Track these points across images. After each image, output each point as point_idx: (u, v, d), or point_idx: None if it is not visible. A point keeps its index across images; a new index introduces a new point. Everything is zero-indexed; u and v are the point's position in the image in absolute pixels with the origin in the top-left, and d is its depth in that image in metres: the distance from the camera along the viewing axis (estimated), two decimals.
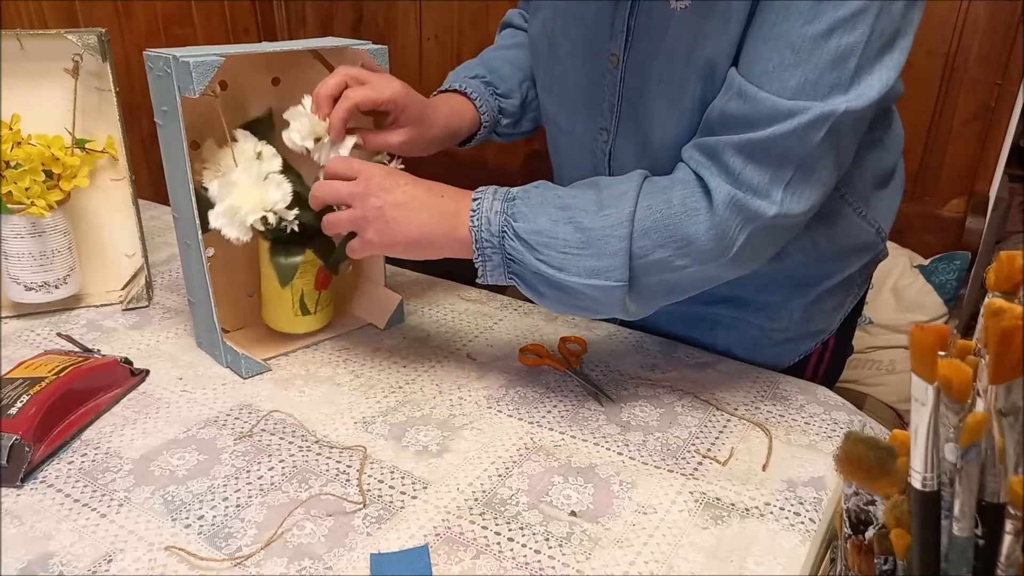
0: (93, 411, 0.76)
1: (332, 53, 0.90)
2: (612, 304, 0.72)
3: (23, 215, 0.89)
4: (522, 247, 0.71)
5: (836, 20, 0.63)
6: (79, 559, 0.58)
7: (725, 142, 0.68)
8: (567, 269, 0.70)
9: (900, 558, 0.40)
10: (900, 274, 1.64)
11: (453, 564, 0.59)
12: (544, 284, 0.72)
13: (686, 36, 0.72)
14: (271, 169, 0.80)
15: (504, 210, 0.72)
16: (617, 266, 0.69)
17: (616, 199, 0.70)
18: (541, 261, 0.71)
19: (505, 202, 0.73)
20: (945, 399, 0.35)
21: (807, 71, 0.65)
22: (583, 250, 0.70)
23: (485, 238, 0.73)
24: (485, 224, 0.72)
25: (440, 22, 2.16)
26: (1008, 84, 1.56)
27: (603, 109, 0.82)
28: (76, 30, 0.90)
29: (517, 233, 0.71)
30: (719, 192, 0.68)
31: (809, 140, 0.66)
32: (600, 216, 0.70)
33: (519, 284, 0.75)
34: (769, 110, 0.66)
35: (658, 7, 0.73)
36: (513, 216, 0.72)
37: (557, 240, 0.70)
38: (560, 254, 0.70)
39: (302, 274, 0.86)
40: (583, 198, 0.72)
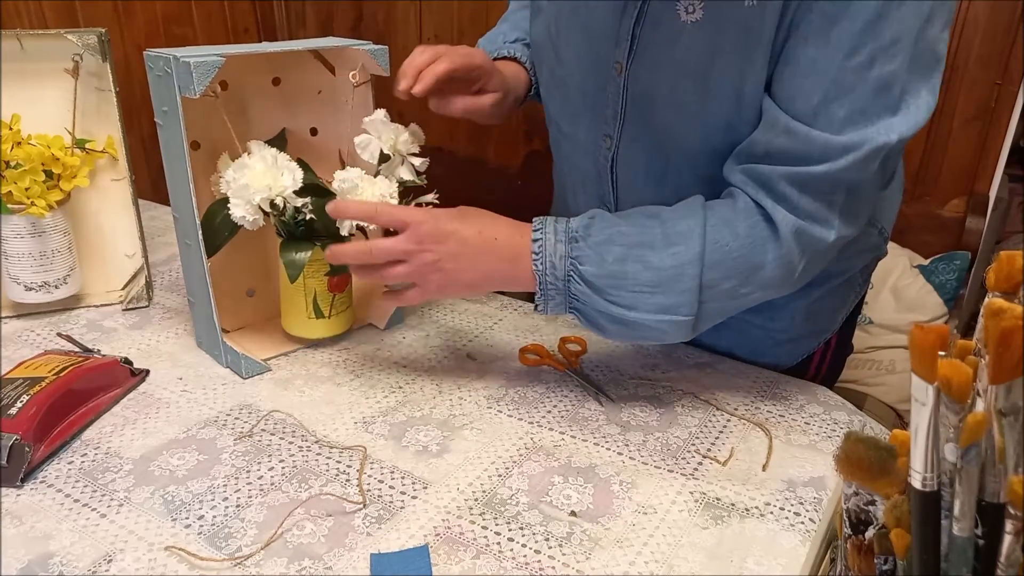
0: (93, 411, 0.76)
1: (332, 53, 0.90)
2: (678, 334, 0.73)
3: (23, 215, 0.89)
4: (589, 290, 0.72)
5: (876, 50, 0.63)
6: (79, 559, 0.58)
7: (780, 173, 0.69)
8: (636, 308, 0.71)
9: (900, 558, 0.40)
10: (900, 274, 1.64)
11: (453, 564, 0.59)
12: (608, 320, 0.73)
13: (698, 50, 0.71)
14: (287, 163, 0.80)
15: (568, 253, 0.72)
16: (687, 302, 0.70)
17: (684, 236, 0.70)
18: (609, 301, 0.71)
19: (569, 244, 0.72)
20: (945, 399, 0.35)
21: (853, 102, 0.65)
22: (654, 288, 0.70)
23: (550, 282, 0.73)
24: (550, 268, 0.72)
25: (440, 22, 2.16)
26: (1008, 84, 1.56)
27: (607, 115, 0.82)
28: (76, 30, 0.90)
29: (584, 277, 0.72)
30: (785, 223, 0.69)
31: (865, 171, 0.68)
32: (669, 255, 0.70)
33: (579, 319, 0.75)
34: (822, 148, 0.67)
35: (667, 17, 0.72)
36: (579, 260, 0.71)
37: (626, 281, 0.71)
38: (629, 293, 0.71)
39: (314, 273, 0.85)
40: (649, 234, 0.71)
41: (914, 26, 0.63)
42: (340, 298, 0.88)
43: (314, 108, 0.92)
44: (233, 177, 0.78)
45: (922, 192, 1.70)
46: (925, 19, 0.64)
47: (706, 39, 0.70)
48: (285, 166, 0.79)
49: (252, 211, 0.78)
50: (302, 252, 0.82)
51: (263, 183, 0.77)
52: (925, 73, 0.66)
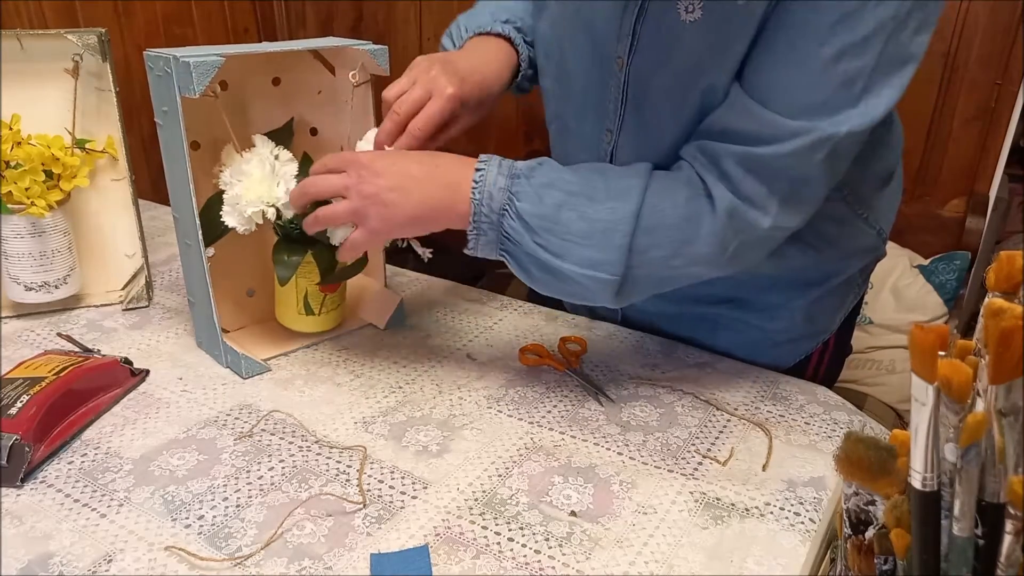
0: (93, 411, 0.76)
1: (332, 53, 0.90)
2: (601, 294, 0.72)
3: (23, 215, 0.89)
4: (522, 228, 0.71)
5: (847, 44, 0.63)
6: (79, 559, 0.58)
7: (726, 150, 0.69)
8: (565, 256, 0.70)
9: (900, 558, 0.40)
10: (900, 274, 1.64)
11: (453, 564, 0.59)
12: (536, 267, 0.72)
13: (696, 49, 0.71)
14: (286, 169, 0.80)
15: (508, 187, 0.71)
16: (615, 260, 0.70)
17: (623, 193, 0.70)
18: (539, 245, 0.70)
19: (510, 179, 0.72)
20: (945, 399, 0.35)
21: (814, 92, 0.65)
22: (584, 240, 0.70)
23: (484, 213, 0.71)
24: (487, 199, 0.71)
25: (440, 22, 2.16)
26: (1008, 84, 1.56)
27: (608, 110, 0.82)
28: (76, 30, 0.90)
29: (519, 213, 0.71)
30: (722, 200, 0.69)
31: (809, 160, 0.67)
32: (605, 208, 0.70)
33: (509, 261, 0.74)
34: (772, 128, 0.66)
35: (668, 16, 0.72)
36: (516, 195, 0.71)
37: (559, 227, 0.70)
38: (560, 240, 0.70)
39: (305, 274, 0.86)
40: (590, 185, 0.71)
41: (888, 26, 0.63)
42: (331, 297, 0.89)
43: (314, 108, 0.92)
44: (228, 182, 0.78)
45: (922, 192, 1.70)
46: (901, 20, 0.64)
47: (703, 38, 0.71)
48: (282, 174, 0.79)
49: (244, 221, 0.78)
50: (294, 256, 0.83)
51: (256, 195, 0.77)
52: (891, 72, 0.66)
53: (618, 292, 0.72)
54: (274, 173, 0.79)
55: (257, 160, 0.79)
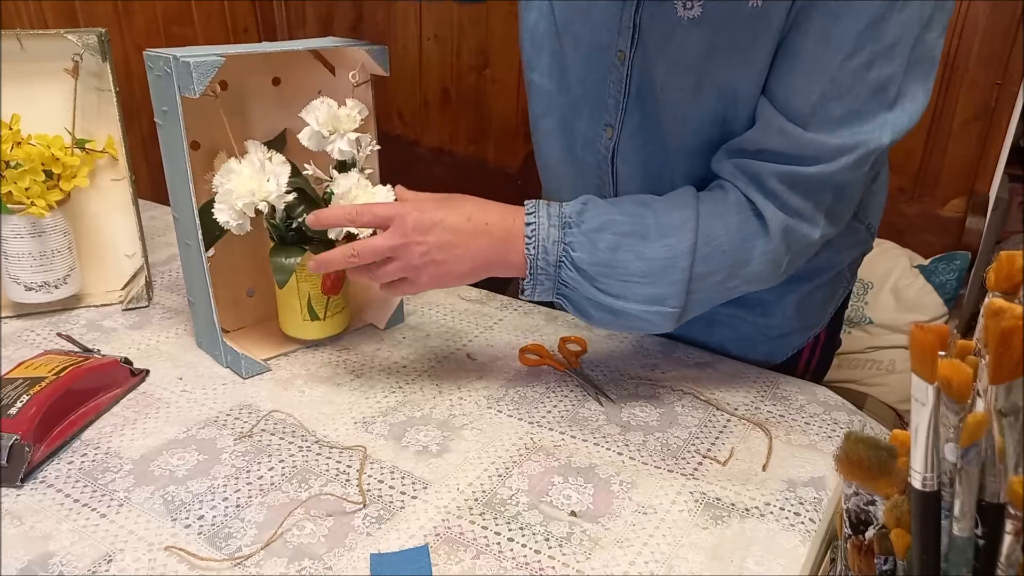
0: (93, 411, 0.76)
1: (332, 53, 0.90)
2: (663, 325, 0.73)
3: (23, 215, 0.89)
4: (580, 277, 0.72)
5: (876, 51, 0.64)
6: (79, 559, 0.58)
7: (768, 169, 0.70)
8: (625, 296, 0.71)
9: (900, 558, 0.40)
10: (900, 274, 1.64)
11: (453, 564, 0.59)
12: (596, 308, 0.73)
13: (694, 47, 0.71)
14: (276, 167, 0.80)
15: (561, 238, 0.72)
16: (676, 293, 0.71)
17: (676, 228, 0.71)
18: (598, 289, 0.72)
19: (562, 229, 0.72)
20: (945, 399, 0.35)
21: (850, 102, 0.66)
22: (644, 279, 0.71)
23: (541, 267, 0.72)
24: (542, 253, 0.72)
25: (440, 22, 2.16)
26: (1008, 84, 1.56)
27: (608, 105, 0.81)
28: (76, 30, 0.90)
29: (575, 264, 0.72)
30: (774, 220, 0.70)
31: (854, 173, 0.69)
32: (661, 246, 0.71)
33: (566, 305, 0.75)
34: (816, 150, 0.67)
35: (663, 11, 0.72)
36: (571, 246, 0.71)
37: (617, 269, 0.71)
38: (619, 282, 0.71)
39: (306, 277, 0.86)
40: (641, 224, 0.72)
41: (914, 30, 0.64)
42: (335, 300, 0.89)
43: None
44: (220, 182, 0.78)
45: (922, 192, 1.70)
46: (925, 23, 0.64)
47: (703, 37, 0.70)
48: (273, 171, 0.79)
49: (236, 216, 0.78)
50: (291, 258, 0.82)
51: (247, 188, 0.77)
52: (921, 75, 0.66)
53: (678, 319, 0.73)
54: (264, 169, 0.79)
55: (249, 159, 0.79)
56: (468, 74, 2.15)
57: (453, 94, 2.19)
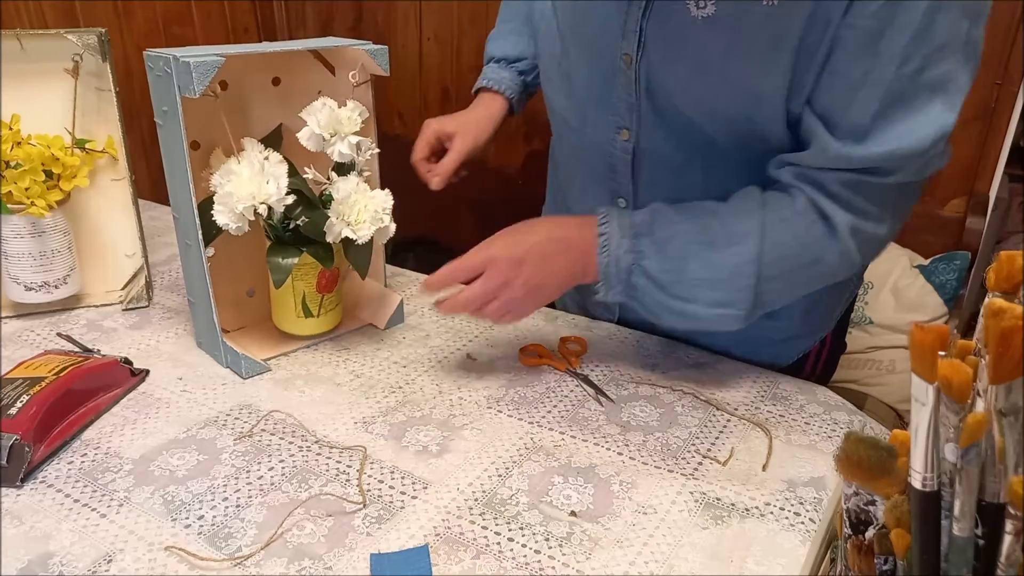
0: (93, 411, 0.76)
1: (332, 53, 0.90)
2: (733, 325, 0.76)
3: (23, 215, 0.89)
4: (649, 283, 0.75)
5: (927, 55, 0.63)
6: (79, 559, 0.58)
7: (833, 178, 0.70)
8: (695, 300, 0.74)
9: (900, 558, 0.40)
10: (900, 274, 1.63)
11: (453, 564, 0.59)
12: (665, 311, 0.76)
13: (711, 47, 0.71)
14: (275, 168, 0.80)
15: (632, 248, 0.75)
16: (744, 298, 0.73)
17: (743, 236, 0.73)
18: (668, 295, 0.75)
19: (633, 239, 0.75)
20: (945, 399, 0.35)
21: (909, 108, 0.66)
22: (712, 285, 0.73)
23: (613, 274, 0.76)
24: (614, 262, 0.76)
25: (440, 22, 2.16)
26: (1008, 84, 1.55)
27: (619, 108, 0.81)
28: (76, 30, 0.90)
29: (646, 271, 0.75)
30: (842, 223, 0.71)
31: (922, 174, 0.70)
32: (729, 254, 0.73)
33: (638, 307, 0.78)
34: (879, 160, 0.68)
35: (676, 13, 0.71)
36: (642, 255, 0.75)
37: (685, 276, 0.74)
38: (688, 288, 0.74)
39: (302, 276, 0.86)
40: (709, 233, 0.74)
41: (962, 27, 0.63)
42: (329, 297, 0.89)
43: None
44: (219, 183, 0.78)
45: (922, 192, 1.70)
46: (971, 20, 0.64)
47: (719, 36, 0.70)
48: (271, 173, 0.79)
49: (235, 219, 0.78)
50: (288, 258, 0.83)
51: (247, 191, 0.77)
52: (970, 66, 0.66)
53: (747, 319, 0.75)
54: (263, 171, 0.79)
55: (247, 160, 0.79)
56: (468, 74, 2.15)
57: (453, 94, 2.19)
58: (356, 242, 0.82)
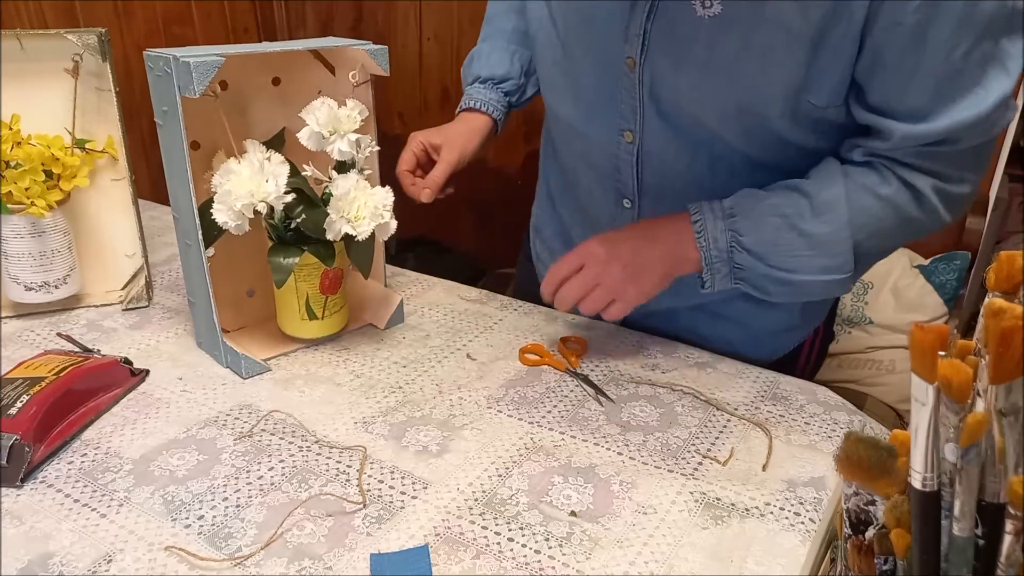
0: (93, 411, 0.76)
1: (332, 53, 0.90)
2: (840, 289, 0.79)
3: (23, 215, 0.89)
4: (752, 258, 0.77)
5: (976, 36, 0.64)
6: (79, 559, 0.58)
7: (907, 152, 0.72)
8: (798, 270, 0.76)
9: (900, 558, 0.40)
10: (900, 274, 1.64)
11: (453, 564, 0.59)
12: (774, 283, 0.78)
13: (720, 46, 0.71)
14: (275, 168, 0.80)
15: (728, 227, 0.77)
16: (846, 261, 0.75)
17: (830, 205, 0.74)
18: (771, 266, 0.76)
19: (726, 219, 0.77)
20: (945, 399, 0.35)
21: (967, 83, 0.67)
22: (812, 251, 0.75)
23: (715, 255, 0.78)
24: (713, 243, 0.77)
25: (439, 22, 2.16)
26: None
27: (623, 111, 0.81)
28: (76, 30, 0.90)
29: (745, 246, 0.77)
30: (924, 185, 0.73)
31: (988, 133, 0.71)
32: (820, 222, 0.74)
33: (745, 287, 0.80)
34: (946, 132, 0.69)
35: (681, 13, 0.71)
36: (738, 231, 0.76)
37: (785, 247, 0.75)
38: (791, 258, 0.76)
39: (305, 277, 0.86)
40: (797, 205, 0.75)
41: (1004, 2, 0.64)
42: (333, 299, 0.89)
43: None
44: (219, 182, 0.78)
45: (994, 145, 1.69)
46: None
47: (727, 34, 0.70)
48: (271, 171, 0.79)
49: (235, 217, 0.78)
50: (290, 258, 0.83)
51: (245, 189, 0.77)
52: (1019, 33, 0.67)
53: (853, 280, 0.78)
54: (263, 170, 0.79)
55: (248, 159, 0.79)
56: None
57: (453, 94, 2.19)
58: (357, 239, 0.82)
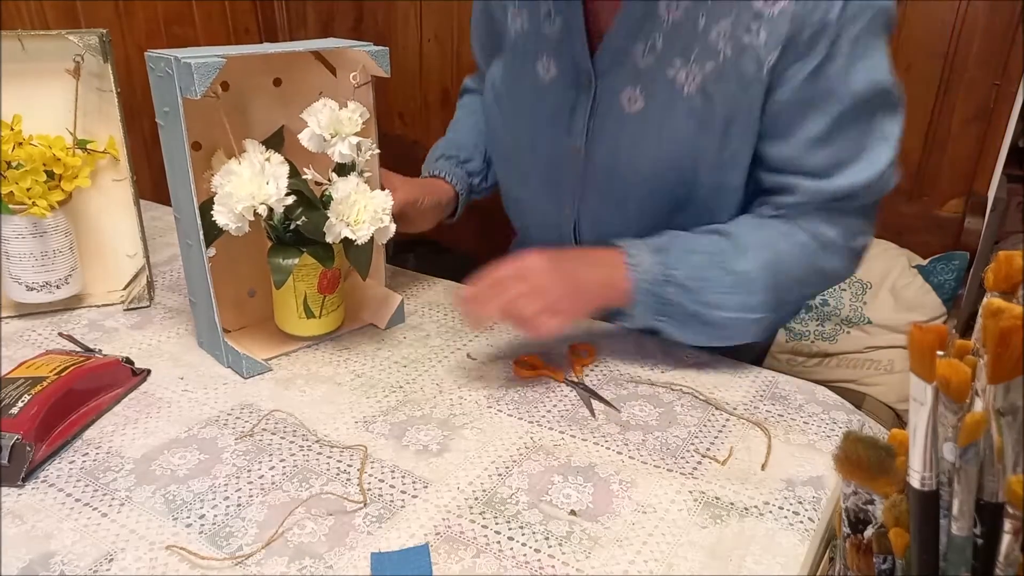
0: (94, 411, 0.76)
1: (333, 54, 0.90)
2: (756, 333, 0.82)
3: (25, 215, 0.89)
4: (680, 291, 0.79)
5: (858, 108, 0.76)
6: (80, 558, 0.59)
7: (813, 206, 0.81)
8: (721, 307, 0.79)
9: (899, 557, 0.40)
10: (899, 274, 1.64)
11: (453, 563, 0.59)
12: (695, 321, 0.80)
13: (647, 135, 0.81)
14: (275, 169, 0.80)
15: (659, 260, 0.80)
16: (763, 301, 0.80)
17: (751, 246, 0.80)
18: (698, 302, 0.79)
19: (658, 254, 0.80)
20: (944, 399, 0.35)
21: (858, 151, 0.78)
22: (734, 288, 0.79)
23: (644, 287, 0.80)
24: (644, 275, 0.79)
25: (440, 23, 2.16)
26: (1007, 85, 1.56)
27: (566, 189, 0.90)
28: (77, 30, 0.90)
29: (675, 280, 0.79)
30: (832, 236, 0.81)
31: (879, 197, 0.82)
32: (743, 260, 0.80)
33: (666, 324, 0.82)
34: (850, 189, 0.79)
35: (613, 109, 0.82)
36: (668, 264, 0.80)
37: (711, 283, 0.79)
38: (715, 294, 0.79)
39: (303, 277, 0.86)
40: (719, 245, 0.81)
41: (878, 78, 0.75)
42: (331, 298, 0.89)
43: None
44: (219, 183, 0.78)
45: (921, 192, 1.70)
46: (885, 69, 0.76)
47: (650, 126, 0.81)
48: (272, 173, 0.79)
49: (235, 219, 0.78)
50: (289, 259, 0.83)
51: (246, 191, 0.77)
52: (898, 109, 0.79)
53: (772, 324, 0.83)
54: (263, 172, 0.79)
55: (247, 160, 0.79)
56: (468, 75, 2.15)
57: (453, 95, 2.19)
58: (356, 242, 0.82)
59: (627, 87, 0.80)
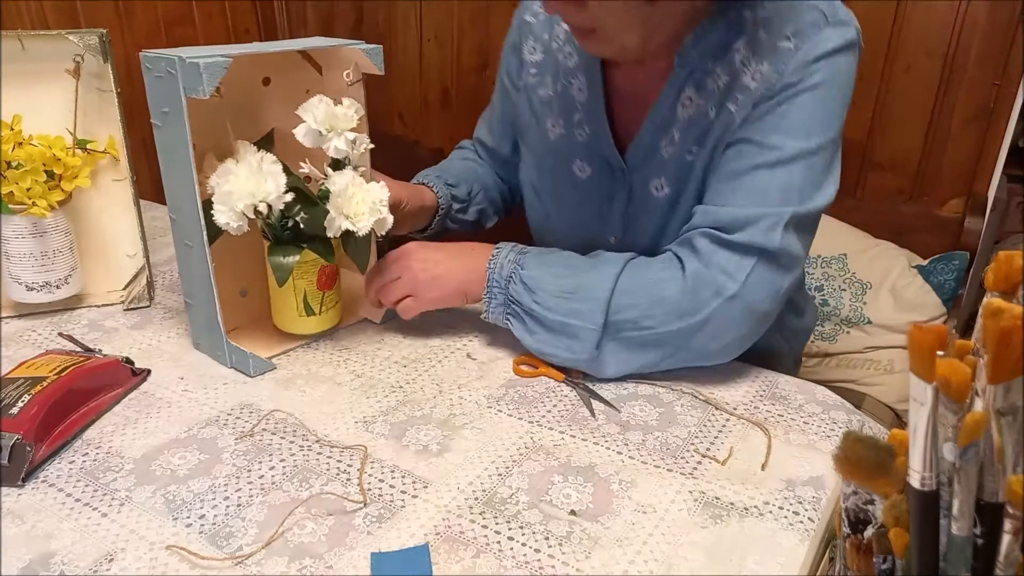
0: (94, 411, 0.76)
1: (327, 52, 0.90)
2: (585, 346, 0.80)
3: (24, 215, 0.89)
4: (523, 290, 0.83)
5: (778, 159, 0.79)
6: (80, 558, 0.59)
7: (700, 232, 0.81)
8: (555, 309, 0.81)
9: (899, 557, 0.40)
10: (899, 274, 1.64)
11: (453, 563, 0.59)
12: (534, 322, 0.83)
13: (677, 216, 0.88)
14: (271, 167, 0.80)
15: (516, 260, 0.85)
16: (595, 311, 0.79)
17: (608, 263, 0.83)
18: (535, 302, 0.82)
19: (519, 254, 0.86)
20: (944, 399, 0.35)
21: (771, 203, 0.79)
22: (571, 295, 0.81)
23: (496, 280, 0.85)
24: (498, 269, 0.85)
25: (440, 23, 2.16)
26: (1007, 85, 1.56)
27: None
28: (77, 31, 0.90)
29: (522, 278, 0.83)
30: (690, 265, 0.80)
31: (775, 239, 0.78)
32: (592, 273, 0.82)
33: (513, 323, 0.85)
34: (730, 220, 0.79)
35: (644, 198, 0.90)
36: (521, 265, 0.84)
37: (551, 288, 0.82)
38: (552, 297, 0.82)
39: (303, 274, 0.86)
40: (580, 259, 0.86)
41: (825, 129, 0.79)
42: (329, 295, 0.89)
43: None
44: (217, 183, 0.78)
45: (921, 192, 1.70)
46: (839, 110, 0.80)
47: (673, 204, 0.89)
48: (269, 171, 0.79)
49: (236, 218, 0.78)
50: (290, 256, 0.83)
51: (246, 190, 0.77)
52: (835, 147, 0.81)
53: (600, 349, 0.80)
54: (261, 170, 0.79)
55: (243, 161, 0.79)
56: (468, 75, 2.15)
57: (453, 95, 2.19)
58: (356, 235, 0.83)
59: (654, 177, 0.89)
